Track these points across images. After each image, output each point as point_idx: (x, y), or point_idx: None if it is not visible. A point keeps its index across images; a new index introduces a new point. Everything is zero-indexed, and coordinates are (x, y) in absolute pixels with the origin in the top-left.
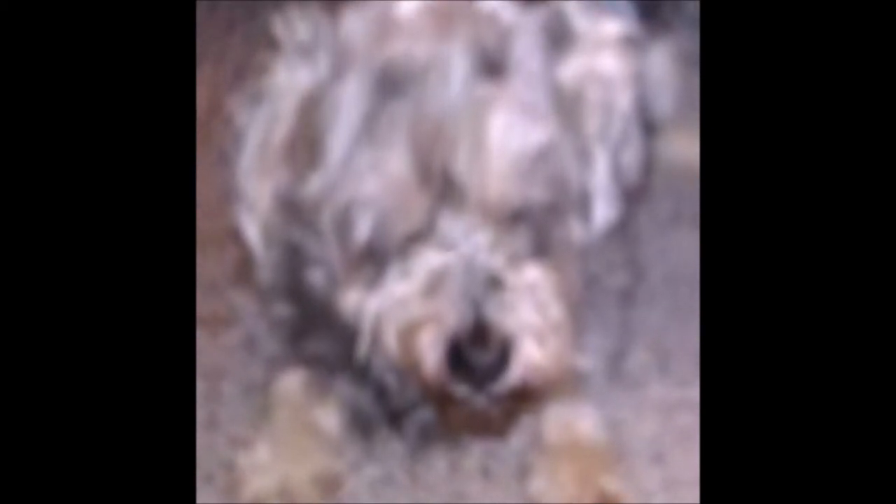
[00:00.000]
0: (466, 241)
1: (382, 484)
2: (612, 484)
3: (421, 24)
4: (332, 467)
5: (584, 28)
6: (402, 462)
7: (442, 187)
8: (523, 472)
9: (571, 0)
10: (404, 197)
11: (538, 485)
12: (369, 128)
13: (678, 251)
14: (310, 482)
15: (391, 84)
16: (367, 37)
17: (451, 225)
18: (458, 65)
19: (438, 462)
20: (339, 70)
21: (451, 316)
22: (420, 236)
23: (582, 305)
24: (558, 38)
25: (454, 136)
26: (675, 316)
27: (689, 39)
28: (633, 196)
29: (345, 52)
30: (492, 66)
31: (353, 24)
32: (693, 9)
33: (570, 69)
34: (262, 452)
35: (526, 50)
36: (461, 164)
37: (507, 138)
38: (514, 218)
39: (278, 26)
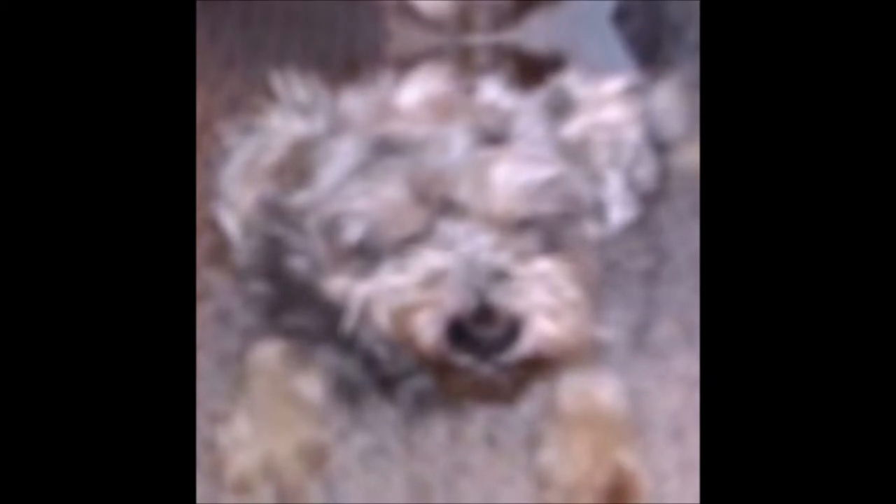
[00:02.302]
0: (468, 242)
1: (374, 455)
2: (628, 459)
3: (421, 113)
4: (317, 437)
5: (585, 94)
6: (395, 430)
7: (441, 205)
8: (533, 442)
9: (570, 75)
10: (398, 212)
11: (549, 457)
12: (364, 171)
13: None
14: (294, 456)
15: (389, 148)
16: (366, 115)
17: (451, 229)
18: (459, 139)
19: (437, 429)
20: (335, 131)
21: (451, 301)
22: (417, 239)
23: (602, 286)
24: (560, 109)
25: (455, 177)
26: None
27: (692, 69)
28: (652, 198)
29: (343, 120)
30: (493, 138)
31: (353, 102)
32: (693, 38)
33: (575, 127)
34: (241, 426)
35: (528, 124)
36: (463, 192)
37: (511, 177)
38: (521, 224)
39: (277, 83)
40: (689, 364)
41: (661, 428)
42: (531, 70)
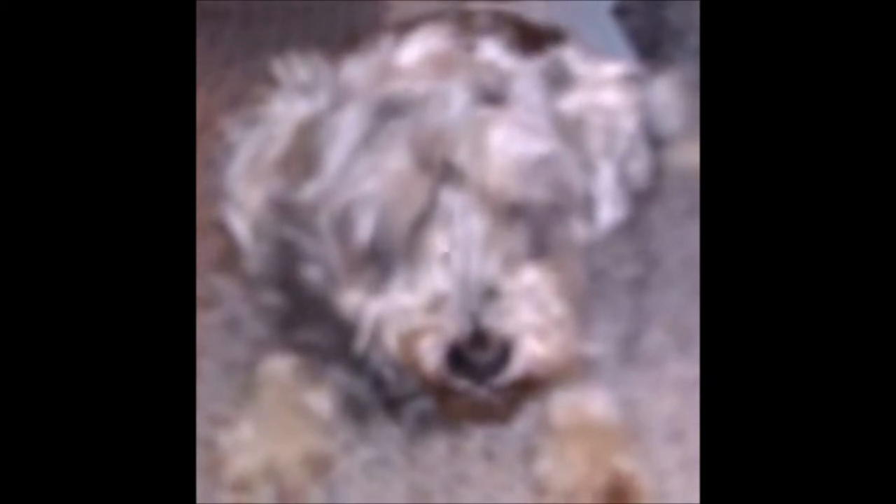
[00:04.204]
0: (465, 224)
1: (377, 465)
2: (625, 463)
3: (421, 69)
4: (323, 448)
5: (584, 71)
6: (398, 444)
7: (442, 171)
8: (528, 454)
9: (569, 49)
10: (404, 185)
11: (545, 465)
12: (368, 142)
13: (694, 240)
14: (298, 462)
15: (391, 110)
16: (368, 79)
17: (452, 200)
18: (458, 96)
19: (438, 444)
20: (338, 103)
21: (450, 328)
22: (422, 223)
23: (588, 297)
24: (558, 81)
25: (455, 139)
26: (694, 297)
27: (692, 70)
28: (644, 197)
29: (344, 90)
30: (491, 97)
31: (354, 69)
32: (694, 43)
33: (572, 102)
34: (245, 431)
35: (526, 87)
36: (462, 156)
37: (507, 145)
38: (512, 212)
39: (278, 67)
40: (682, 369)
41: (660, 431)
42: (531, 38)
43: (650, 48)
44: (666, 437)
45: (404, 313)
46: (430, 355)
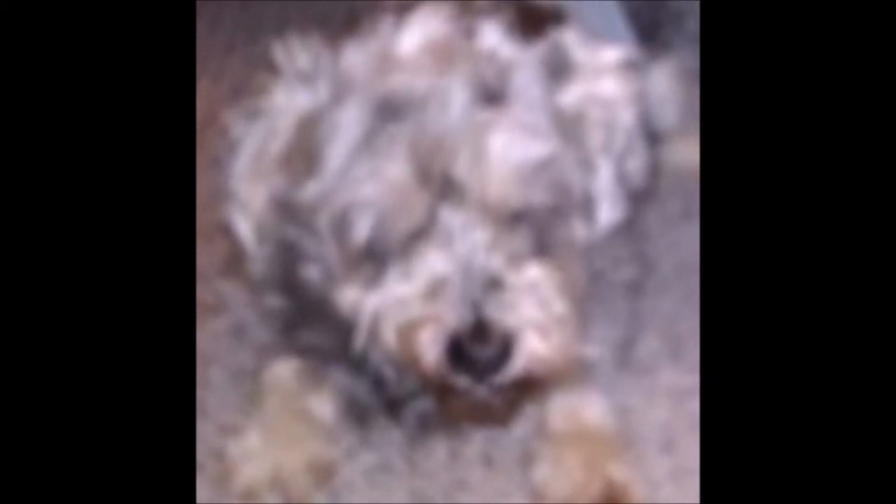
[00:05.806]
0: (465, 237)
1: (379, 471)
2: (619, 471)
3: (421, 61)
4: (327, 454)
5: (584, 58)
6: (399, 449)
7: (442, 186)
8: (527, 460)
9: (570, 32)
10: (404, 197)
11: (542, 472)
12: (368, 143)
13: (688, 244)
14: (303, 470)
15: (391, 110)
16: (368, 69)
17: (452, 218)
18: (458, 94)
19: (438, 449)
20: (338, 97)
21: (450, 317)
22: (421, 233)
23: (587, 299)
24: (558, 69)
25: (454, 147)
26: (687, 304)
27: (690, 57)
28: (640, 197)
29: (345, 82)
30: (491, 95)
31: (354, 56)
32: (693, 28)
33: (571, 95)
34: (253, 439)
35: (526, 81)
36: (461, 168)
37: (507, 151)
38: (514, 218)
39: (278, 53)
40: (675, 377)
41: (652, 440)
42: (532, 19)
43: (650, 31)
44: (658, 446)
45: (402, 304)
46: (430, 349)
